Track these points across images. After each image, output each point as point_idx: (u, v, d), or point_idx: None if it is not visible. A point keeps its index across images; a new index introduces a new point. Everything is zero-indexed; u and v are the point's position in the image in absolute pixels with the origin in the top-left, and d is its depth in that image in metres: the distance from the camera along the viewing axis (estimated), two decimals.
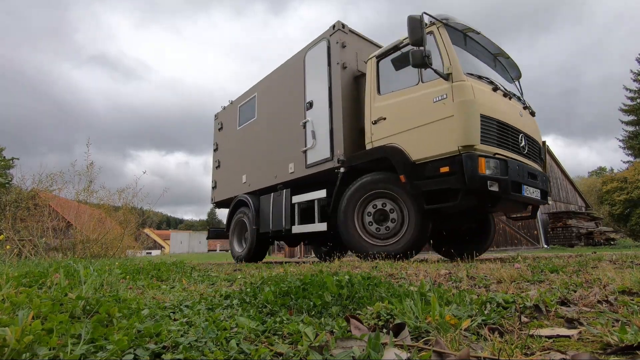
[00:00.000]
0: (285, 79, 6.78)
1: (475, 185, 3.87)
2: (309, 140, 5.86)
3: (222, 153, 8.50)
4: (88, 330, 0.98)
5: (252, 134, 7.49)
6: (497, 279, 2.37)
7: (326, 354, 0.91)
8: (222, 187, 8.33)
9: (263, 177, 6.91)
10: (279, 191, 6.30)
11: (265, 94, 7.35)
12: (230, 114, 8.41)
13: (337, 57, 5.56)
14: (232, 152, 8.13)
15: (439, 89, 4.26)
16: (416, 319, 1.21)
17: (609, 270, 2.34)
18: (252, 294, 1.73)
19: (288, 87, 6.63)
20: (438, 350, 0.92)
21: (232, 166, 8.02)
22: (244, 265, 5.71)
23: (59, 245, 7.85)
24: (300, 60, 6.35)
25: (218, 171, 8.54)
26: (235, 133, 8.09)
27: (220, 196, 8.33)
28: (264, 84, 7.42)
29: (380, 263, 4.35)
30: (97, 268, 2.82)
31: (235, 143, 8.06)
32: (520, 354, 0.92)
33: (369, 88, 5.16)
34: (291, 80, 6.55)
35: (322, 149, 5.60)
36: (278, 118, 6.80)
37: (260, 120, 7.32)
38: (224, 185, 8.25)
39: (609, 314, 1.26)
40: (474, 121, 4.02)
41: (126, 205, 9.79)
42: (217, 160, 8.57)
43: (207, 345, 1.00)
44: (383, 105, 4.89)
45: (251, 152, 7.42)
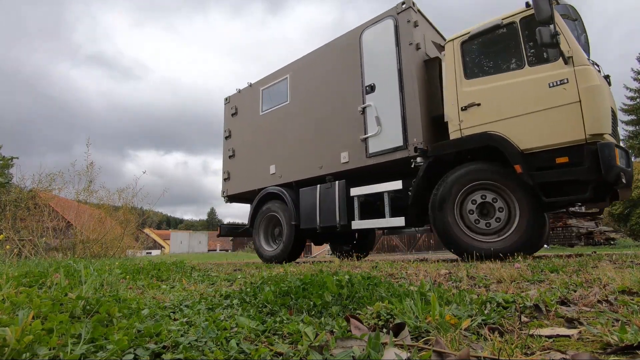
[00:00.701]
0: (331, 60, 6.19)
1: (611, 177, 3.57)
2: (371, 127, 5.35)
3: (238, 141, 7.67)
4: (88, 330, 0.98)
5: (282, 119, 6.79)
6: (497, 278, 2.37)
7: (326, 354, 0.91)
8: (238, 178, 7.49)
9: (302, 167, 6.28)
10: (329, 183, 5.75)
11: (301, 76, 6.66)
12: (249, 97, 7.59)
13: (409, 37, 5.11)
14: (252, 139, 7.33)
15: (556, 73, 3.96)
16: (416, 319, 1.21)
17: (609, 270, 2.34)
18: (252, 293, 1.73)
19: (336, 69, 6.06)
20: (438, 350, 0.92)
21: (254, 155, 7.23)
22: (244, 265, 5.71)
23: (59, 245, 7.86)
24: (353, 40, 5.82)
25: (232, 161, 7.65)
26: (257, 119, 7.31)
27: (235, 189, 7.49)
28: (300, 65, 6.74)
29: (380, 263, 4.35)
30: (97, 268, 2.82)
31: (257, 130, 7.26)
32: (521, 353, 0.92)
33: (451, 72, 4.80)
34: (340, 61, 6.00)
35: (391, 137, 5.12)
36: (322, 102, 6.18)
37: (295, 104, 6.63)
38: (241, 177, 7.43)
39: (609, 313, 1.26)
40: (605, 108, 3.79)
41: (126, 205, 9.80)
42: (231, 149, 7.68)
43: (207, 345, 1.00)
44: (474, 91, 4.55)
45: (282, 139, 6.72)
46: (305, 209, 5.97)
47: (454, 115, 4.67)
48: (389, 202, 5.09)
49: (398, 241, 21.63)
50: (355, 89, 5.68)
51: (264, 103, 7.28)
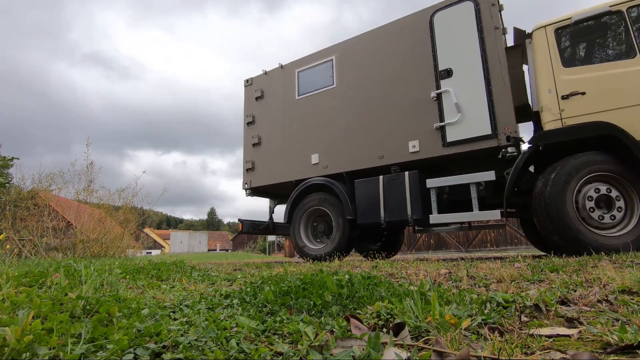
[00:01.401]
0: (390, 42, 5.82)
1: None
2: (449, 114, 5.05)
3: (265, 127, 6.98)
4: (88, 330, 0.98)
5: (327, 104, 6.28)
6: (497, 278, 2.37)
7: (326, 354, 0.91)
8: (266, 169, 6.79)
9: (355, 157, 5.82)
10: (394, 174, 5.35)
11: (351, 58, 6.19)
12: (280, 80, 6.97)
13: (495, 21, 4.89)
14: (286, 126, 6.71)
15: None
16: (416, 319, 1.21)
17: (608, 269, 2.34)
18: (252, 293, 1.73)
19: (397, 52, 5.70)
20: (438, 350, 0.92)
21: (288, 143, 6.60)
22: (244, 265, 5.71)
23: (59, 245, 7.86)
24: (422, 22, 5.51)
25: (257, 150, 6.94)
26: (291, 103, 6.70)
27: (262, 180, 6.77)
28: (349, 47, 6.29)
29: (380, 262, 4.35)
30: (97, 268, 2.82)
31: (292, 115, 6.65)
32: (521, 353, 0.92)
33: (545, 60, 4.67)
34: (403, 43, 5.67)
35: (475, 125, 4.85)
36: (380, 87, 5.77)
37: (344, 88, 6.15)
38: (270, 167, 6.74)
39: (609, 313, 1.26)
40: None
41: (126, 205, 9.80)
42: (256, 136, 6.97)
43: (207, 344, 1.00)
44: (576, 79, 4.44)
45: (328, 126, 6.21)
46: (363, 202, 5.48)
47: (553, 104, 4.50)
48: (476, 195, 4.75)
49: None
50: (424, 74, 5.35)
51: (301, 86, 6.65)
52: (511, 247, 16.27)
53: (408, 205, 5.07)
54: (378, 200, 5.35)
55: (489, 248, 16.94)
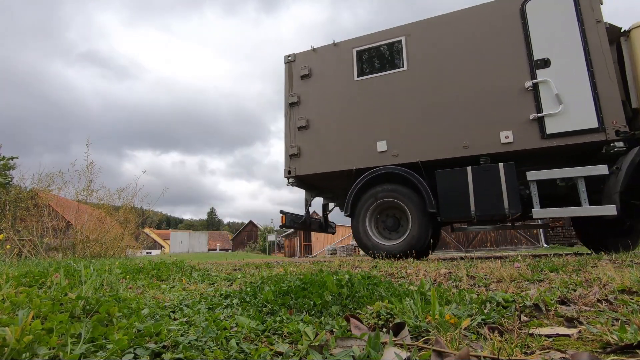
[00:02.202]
0: (475, 27, 5.59)
1: None
2: (548, 105, 4.91)
3: (315, 109, 6.36)
4: (88, 330, 0.98)
5: (396, 88, 5.86)
6: (496, 278, 2.37)
7: (326, 353, 0.91)
8: (316, 155, 6.17)
9: (434, 146, 5.46)
10: (486, 165, 5.08)
11: (426, 41, 5.85)
12: (333, 58, 6.44)
13: (595, 14, 4.83)
14: (342, 109, 6.19)
15: None
16: (416, 318, 1.21)
17: (608, 269, 2.34)
18: (252, 293, 1.73)
19: (483, 38, 5.49)
20: (438, 350, 0.92)
21: (346, 128, 6.08)
22: (244, 265, 5.71)
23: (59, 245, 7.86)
24: (511, 9, 5.35)
25: (305, 134, 6.31)
26: (349, 84, 6.19)
27: (311, 167, 6.15)
28: (422, 29, 5.93)
29: (380, 262, 4.35)
30: (97, 268, 2.82)
31: (350, 98, 6.15)
32: (520, 353, 0.92)
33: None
34: (490, 29, 5.47)
35: (578, 118, 4.75)
36: (463, 73, 5.51)
37: (417, 72, 5.79)
38: (321, 154, 6.14)
39: (609, 313, 1.26)
40: None
41: (126, 205, 9.80)
42: (303, 119, 6.33)
43: (207, 344, 1.00)
44: None
45: (397, 112, 5.78)
46: (448, 195, 5.14)
47: None
48: (585, 189, 4.61)
49: None
50: (515, 62, 5.19)
51: (363, 67, 6.17)
52: (511, 247, 16.29)
53: (505, 199, 4.78)
54: (467, 193, 5.01)
55: (489, 248, 16.95)
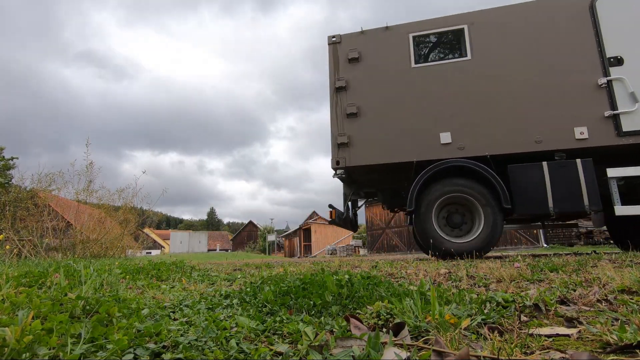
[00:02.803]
0: (543, 20, 5.54)
1: None
2: (623, 103, 4.94)
3: (366, 95, 5.98)
4: (88, 330, 0.98)
5: (459, 78, 5.68)
6: (496, 278, 2.37)
7: (326, 353, 0.91)
8: (369, 145, 5.78)
9: (504, 139, 5.31)
10: (562, 161, 5.02)
11: (491, 31, 5.71)
12: (386, 42, 6.10)
13: None
14: (399, 97, 5.86)
15: None
16: (416, 318, 1.21)
17: (608, 269, 2.34)
18: (252, 293, 1.73)
19: (552, 32, 5.45)
20: (438, 350, 0.92)
21: (403, 117, 5.76)
22: (244, 265, 5.71)
23: (59, 245, 7.86)
24: (579, 6, 5.35)
25: (355, 122, 5.90)
26: (405, 71, 5.90)
27: (364, 158, 5.76)
28: (487, 18, 5.77)
29: (379, 262, 4.35)
30: (97, 268, 2.82)
31: (407, 85, 5.86)
32: (520, 353, 0.92)
33: None
34: (559, 24, 5.44)
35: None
36: (534, 66, 5.41)
37: (483, 62, 5.63)
38: (376, 144, 5.77)
39: (609, 313, 1.26)
40: None
41: (126, 205, 9.80)
42: (353, 106, 5.93)
43: (207, 344, 1.00)
44: None
45: (462, 103, 5.58)
46: (524, 191, 5.01)
47: None
48: None
49: (398, 240, 21.65)
50: (587, 58, 5.19)
51: (418, 54, 5.93)
52: (511, 246, 16.29)
53: (585, 195, 4.73)
54: (544, 188, 4.91)
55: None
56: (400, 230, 21.65)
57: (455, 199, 5.35)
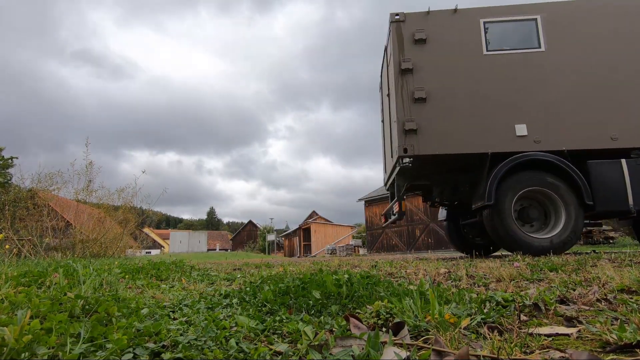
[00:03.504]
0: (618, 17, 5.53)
1: None
2: None
3: (435, 80, 5.65)
4: (87, 330, 0.97)
5: (531, 69, 5.53)
6: (496, 277, 2.37)
7: (326, 353, 0.91)
8: (440, 134, 5.44)
9: (580, 134, 5.20)
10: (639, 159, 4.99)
11: (567, 24, 5.61)
12: (454, 25, 5.84)
13: None
14: (469, 84, 5.61)
15: None
16: (415, 318, 1.21)
17: (608, 268, 2.34)
18: (252, 293, 1.73)
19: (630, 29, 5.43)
20: (437, 349, 0.92)
21: (475, 106, 5.50)
22: (244, 265, 5.71)
23: (58, 245, 7.85)
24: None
25: (424, 108, 5.53)
26: (476, 58, 5.67)
27: (434, 147, 5.40)
28: (561, 10, 5.66)
29: (379, 262, 4.35)
30: (97, 267, 2.82)
31: (478, 73, 5.63)
32: (520, 352, 0.92)
33: None
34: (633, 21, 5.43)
35: None
36: (611, 63, 5.35)
37: (557, 55, 5.51)
38: (447, 133, 5.44)
39: (608, 312, 1.26)
40: None
41: (126, 205, 9.80)
42: (422, 90, 5.56)
43: (207, 344, 1.00)
44: None
45: (535, 94, 5.44)
46: (604, 187, 4.93)
47: None
48: None
49: (398, 240, 21.66)
50: None
51: (490, 40, 5.69)
52: None
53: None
54: (623, 185, 4.87)
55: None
56: (399, 230, 21.66)
57: (531, 194, 5.15)
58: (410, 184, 6.46)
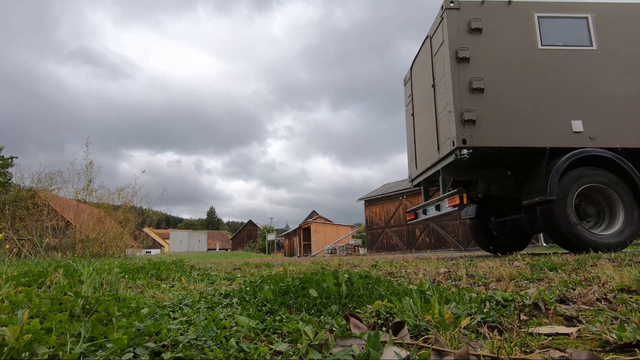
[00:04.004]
0: None
1: None
2: None
3: (492, 71, 5.52)
4: (87, 329, 0.97)
5: (584, 66, 5.57)
6: (496, 277, 2.37)
7: (326, 353, 0.91)
8: (499, 126, 5.33)
9: (634, 133, 5.28)
10: None
11: (618, 25, 5.70)
12: (507, 17, 5.77)
13: None
14: (524, 77, 5.55)
15: None
16: (415, 317, 1.21)
17: (607, 268, 2.34)
18: (252, 292, 1.73)
19: None
20: (437, 349, 0.92)
21: (531, 100, 5.45)
22: (244, 264, 5.71)
23: (58, 245, 7.85)
24: None
25: (481, 98, 5.40)
26: (530, 51, 5.64)
27: (493, 139, 5.27)
28: (612, 12, 5.74)
29: (379, 261, 4.36)
30: (97, 267, 2.82)
31: (532, 66, 5.59)
32: (520, 352, 0.92)
33: None
34: None
35: None
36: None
37: (609, 55, 5.57)
38: (505, 125, 5.34)
39: (608, 312, 1.26)
40: None
41: (126, 204, 9.80)
42: (480, 80, 5.42)
43: (207, 343, 1.00)
44: None
45: (589, 91, 5.45)
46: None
47: None
48: None
49: (398, 240, 21.66)
50: None
51: (544, 35, 5.68)
52: None
53: None
54: None
55: None
56: (399, 229, 21.67)
57: (586, 190, 5.14)
58: (455, 178, 6.32)
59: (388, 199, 22.69)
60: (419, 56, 7.13)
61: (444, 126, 5.73)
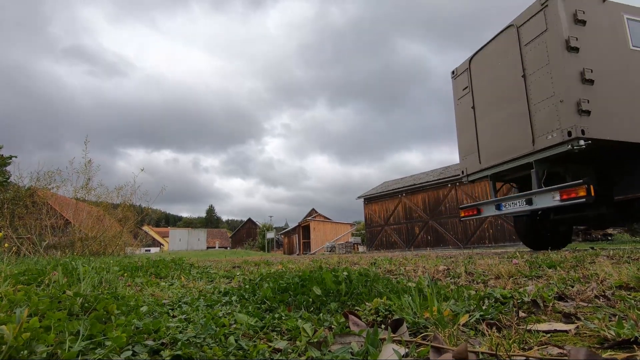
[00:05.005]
0: None
1: None
2: None
3: (599, 64, 5.53)
4: (86, 327, 0.97)
5: None
6: (495, 274, 2.37)
7: (325, 350, 0.91)
8: (615, 120, 5.36)
9: None
10: None
11: None
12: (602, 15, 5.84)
13: None
14: (621, 74, 5.62)
15: None
16: (414, 315, 1.21)
17: (606, 265, 2.35)
18: (251, 290, 1.73)
19: None
20: (436, 346, 0.92)
21: (630, 96, 5.55)
22: (243, 263, 5.71)
23: (58, 243, 7.84)
24: None
25: (592, 90, 5.35)
26: (623, 50, 5.73)
27: (611, 132, 5.25)
28: None
29: (378, 259, 4.36)
30: (96, 266, 2.82)
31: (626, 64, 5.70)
32: (518, 348, 0.92)
33: None
34: None
35: None
36: None
37: None
38: (619, 120, 5.37)
39: (606, 308, 1.26)
40: None
41: (125, 203, 9.79)
42: (589, 71, 5.43)
43: (206, 341, 1.00)
44: None
45: None
46: None
47: None
48: None
49: (397, 238, 21.69)
50: None
51: (633, 36, 5.81)
52: (509, 243, 16.31)
53: None
54: None
55: (487, 244, 16.99)
56: (399, 227, 21.69)
57: None
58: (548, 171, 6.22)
59: (387, 196, 22.71)
60: (487, 48, 7.06)
61: (545, 116, 5.69)
